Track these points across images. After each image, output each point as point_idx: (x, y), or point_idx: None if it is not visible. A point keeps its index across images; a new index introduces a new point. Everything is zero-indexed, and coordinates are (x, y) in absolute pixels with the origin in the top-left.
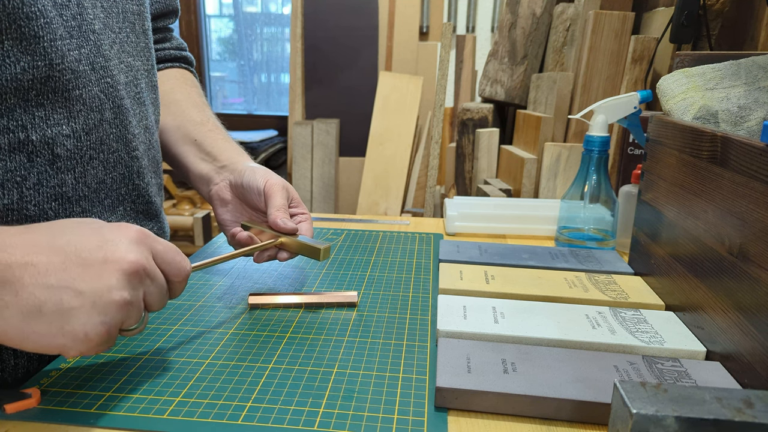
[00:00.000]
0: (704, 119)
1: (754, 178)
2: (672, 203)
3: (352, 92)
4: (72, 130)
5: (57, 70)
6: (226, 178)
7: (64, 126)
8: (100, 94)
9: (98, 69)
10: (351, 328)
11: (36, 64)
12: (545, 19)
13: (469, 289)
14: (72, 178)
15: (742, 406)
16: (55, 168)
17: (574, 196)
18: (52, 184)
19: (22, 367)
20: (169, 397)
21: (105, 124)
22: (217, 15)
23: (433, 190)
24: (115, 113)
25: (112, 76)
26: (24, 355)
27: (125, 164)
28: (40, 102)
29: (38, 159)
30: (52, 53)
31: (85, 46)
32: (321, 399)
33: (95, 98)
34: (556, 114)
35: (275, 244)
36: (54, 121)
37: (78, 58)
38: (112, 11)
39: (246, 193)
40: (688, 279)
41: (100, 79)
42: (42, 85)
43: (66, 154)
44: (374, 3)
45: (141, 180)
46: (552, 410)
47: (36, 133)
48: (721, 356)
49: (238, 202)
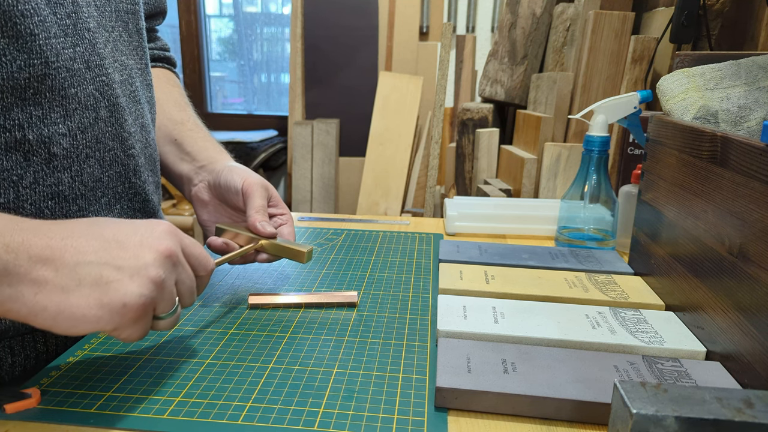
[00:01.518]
0: (704, 119)
1: (754, 178)
2: (672, 203)
3: (352, 92)
4: (68, 128)
5: (53, 68)
6: (205, 179)
7: (60, 125)
8: (95, 92)
9: (93, 67)
10: (351, 328)
11: (32, 62)
12: (545, 19)
13: (469, 289)
14: (68, 176)
15: (742, 406)
16: (52, 167)
17: (574, 196)
18: (48, 183)
19: (20, 365)
20: (169, 397)
21: (101, 122)
22: (217, 15)
23: (433, 190)
24: (110, 111)
25: (107, 74)
26: (21, 353)
27: (121, 162)
28: (37, 101)
29: (35, 158)
30: (47, 51)
31: (80, 44)
32: (321, 399)
33: (90, 96)
34: (556, 114)
35: (255, 247)
36: (50, 119)
37: (73, 56)
38: (105, 10)
39: (224, 193)
40: (688, 279)
41: (95, 77)
42: (38, 83)
43: (62, 153)
44: (374, 3)
45: (137, 178)
46: (552, 410)
47: (33, 132)
48: (721, 356)
49: (217, 202)
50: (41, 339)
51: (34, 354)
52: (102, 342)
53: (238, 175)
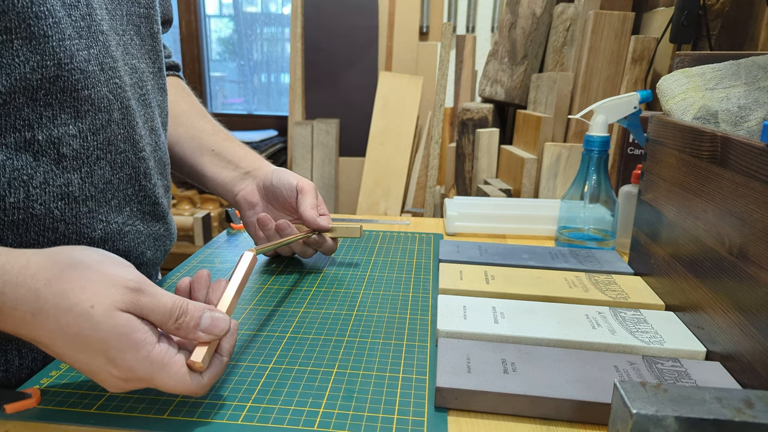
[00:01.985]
0: (704, 119)
1: (754, 178)
2: (672, 203)
3: (352, 92)
4: (78, 129)
5: (66, 69)
6: (252, 183)
7: (70, 126)
8: (109, 94)
9: (107, 69)
10: (351, 328)
11: (45, 63)
12: (545, 19)
13: (469, 289)
14: (78, 177)
15: (742, 406)
16: (61, 167)
17: (574, 196)
18: (58, 184)
19: (26, 367)
20: (169, 397)
21: (113, 124)
22: (217, 15)
23: (433, 190)
24: (123, 114)
25: (120, 77)
26: (29, 356)
27: (132, 165)
28: (48, 102)
29: (44, 158)
30: (60, 53)
31: (94, 46)
32: (321, 399)
33: (104, 98)
34: (556, 114)
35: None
36: (61, 120)
37: (87, 58)
38: (116, 13)
39: (277, 192)
40: (688, 279)
41: (109, 79)
42: (51, 84)
43: (72, 154)
44: (374, 3)
45: (148, 181)
46: (552, 410)
47: (42, 133)
48: (721, 356)
49: (265, 203)
50: None
51: (41, 356)
52: None
53: (292, 176)
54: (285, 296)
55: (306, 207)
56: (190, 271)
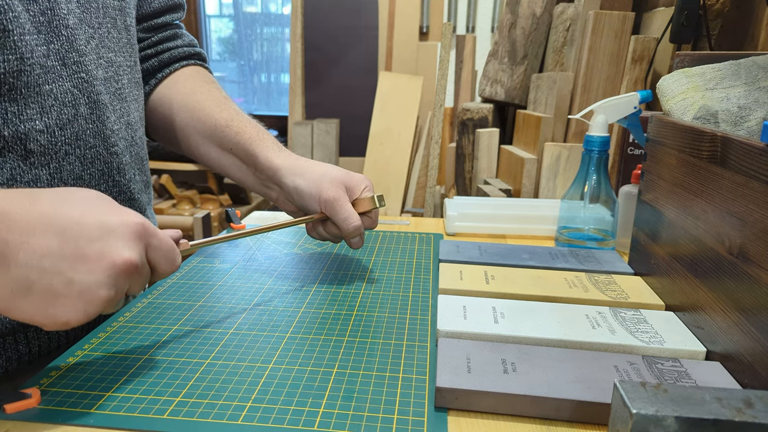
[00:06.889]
0: (704, 119)
1: (754, 178)
2: (672, 203)
3: (352, 92)
4: (45, 125)
5: (27, 64)
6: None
7: (36, 121)
8: (73, 89)
9: (70, 64)
10: (351, 328)
11: (7, 58)
12: (545, 19)
13: (469, 289)
14: (47, 173)
15: (742, 406)
16: (29, 163)
17: (574, 196)
18: (26, 180)
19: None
20: (169, 397)
21: (80, 119)
22: (217, 15)
23: (433, 190)
24: (91, 108)
25: (87, 71)
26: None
27: (104, 160)
28: (12, 97)
29: (10, 154)
30: (22, 47)
31: (55, 41)
32: (321, 399)
33: (67, 93)
34: (556, 114)
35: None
36: (26, 116)
37: (46, 53)
38: (90, 6)
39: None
40: (688, 279)
41: (73, 74)
42: (14, 79)
43: (39, 150)
44: (374, 3)
45: (122, 177)
46: (552, 410)
47: (8, 129)
48: (721, 356)
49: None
50: (23, 341)
51: (16, 356)
52: (102, 342)
53: (310, 197)
54: (285, 296)
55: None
56: (190, 271)
